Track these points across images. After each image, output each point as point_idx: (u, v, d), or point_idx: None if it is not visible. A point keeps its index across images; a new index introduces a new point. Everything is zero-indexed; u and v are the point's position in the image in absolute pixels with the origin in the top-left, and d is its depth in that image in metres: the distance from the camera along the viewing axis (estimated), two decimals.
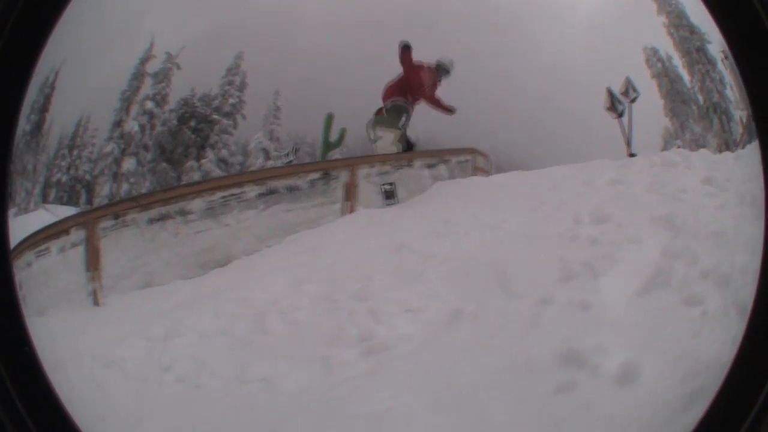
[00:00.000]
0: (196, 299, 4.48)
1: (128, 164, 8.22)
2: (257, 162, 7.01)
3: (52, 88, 9.08)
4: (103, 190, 7.96)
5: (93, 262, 5.16)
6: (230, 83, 8.20)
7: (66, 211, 7.33)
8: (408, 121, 6.55)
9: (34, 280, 5.09)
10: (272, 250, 5.26)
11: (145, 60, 8.25)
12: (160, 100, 8.45)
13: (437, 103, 6.62)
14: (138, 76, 8.33)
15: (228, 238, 5.38)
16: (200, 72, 7.95)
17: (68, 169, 8.41)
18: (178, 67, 8.18)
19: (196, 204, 5.52)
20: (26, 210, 8.90)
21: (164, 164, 8.02)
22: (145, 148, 8.31)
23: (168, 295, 4.85)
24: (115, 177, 8.06)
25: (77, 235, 5.37)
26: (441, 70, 6.52)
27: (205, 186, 5.80)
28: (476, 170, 6.47)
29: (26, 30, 1.39)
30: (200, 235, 5.42)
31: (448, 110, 6.44)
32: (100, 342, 3.90)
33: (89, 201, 7.94)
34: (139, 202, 5.60)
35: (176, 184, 6.65)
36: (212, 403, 3.13)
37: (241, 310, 4.03)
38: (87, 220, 5.43)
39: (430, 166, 6.39)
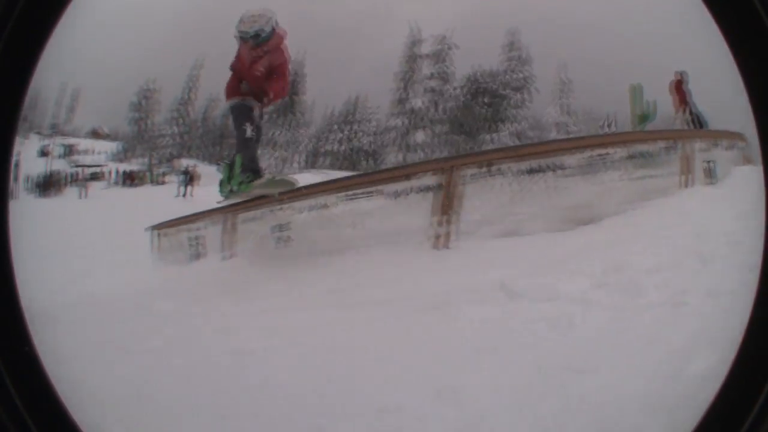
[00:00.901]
0: (599, 246, 4.24)
1: (419, 136, 8.97)
2: (551, 137, 7.15)
3: (296, 74, 10.15)
4: (389, 158, 9.04)
5: (446, 207, 4.79)
6: (512, 59, 8.90)
7: (335, 173, 8.08)
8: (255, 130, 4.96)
9: (326, 223, 5.24)
10: (639, 213, 4.78)
11: (413, 44, 9.37)
12: (444, 78, 9.19)
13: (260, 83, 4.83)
14: (411, 60, 9.29)
15: (595, 197, 4.95)
16: (476, 51, 8.47)
17: (345, 140, 9.88)
18: (452, 48, 9.18)
19: (568, 160, 5.08)
20: (280, 173, 9.79)
21: (457, 137, 8.61)
22: (434, 122, 8.95)
23: (547, 244, 4.42)
24: (405, 147, 8.88)
25: (428, 180, 4.99)
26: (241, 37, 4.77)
27: (578, 143, 5.29)
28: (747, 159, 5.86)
29: (26, 31, 1.38)
30: (569, 191, 5.06)
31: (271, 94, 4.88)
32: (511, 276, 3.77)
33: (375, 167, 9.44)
34: (514, 152, 5.10)
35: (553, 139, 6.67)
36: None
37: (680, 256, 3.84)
38: (445, 166, 4.98)
39: (728, 149, 5.96)
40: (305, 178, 7.31)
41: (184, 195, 10.62)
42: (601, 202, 4.89)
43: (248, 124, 4.80)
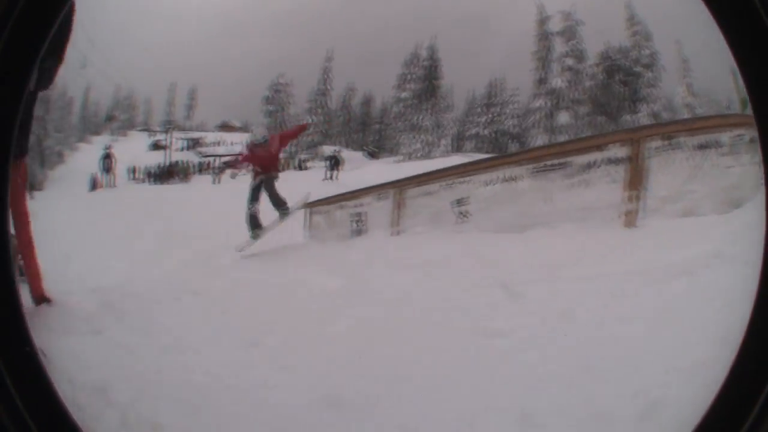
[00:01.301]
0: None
1: (563, 118, 8.79)
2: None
3: (431, 59, 10.37)
4: (536, 141, 8.81)
5: (634, 182, 4.75)
6: (636, 33, 8.42)
7: (481, 157, 7.97)
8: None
9: (511, 197, 5.29)
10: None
11: (542, 22, 9.04)
12: (578, 55, 8.92)
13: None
14: (543, 38, 9.05)
15: (741, 179, 4.86)
16: (602, 25, 8.21)
17: (489, 123, 9.86)
18: (578, 24, 8.68)
19: (723, 138, 5.01)
20: (428, 156, 9.90)
21: (600, 117, 8.43)
22: (576, 102, 8.74)
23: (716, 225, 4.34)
24: (549, 130, 8.76)
25: (615, 153, 4.96)
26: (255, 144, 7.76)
27: (725, 121, 5.19)
28: None
29: (26, 30, 1.39)
30: (725, 171, 4.99)
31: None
32: None
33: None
34: (690, 125, 5.06)
35: None
36: None
37: None
38: (634, 137, 4.90)
39: None
40: (454, 162, 7.53)
41: (330, 178, 11.25)
42: (744, 184, 4.70)
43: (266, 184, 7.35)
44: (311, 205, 7.41)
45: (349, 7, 9.19)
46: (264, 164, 7.36)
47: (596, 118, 8.32)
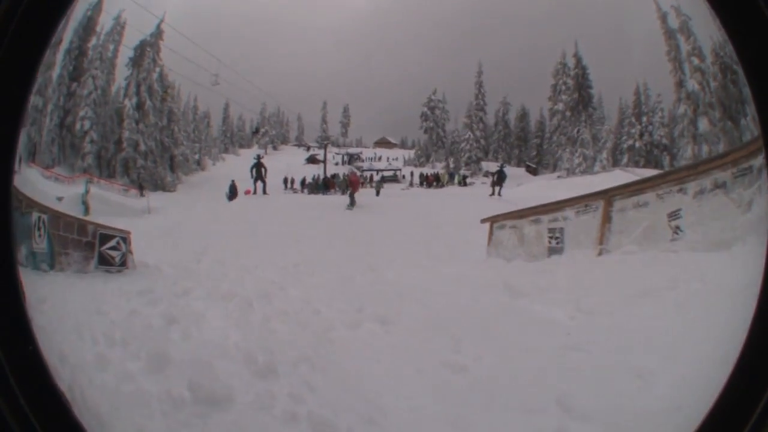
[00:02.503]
0: None
1: (702, 124, 8.76)
2: None
3: (577, 66, 9.72)
4: (686, 151, 8.73)
5: None
6: (720, 27, 8.47)
7: (643, 172, 7.86)
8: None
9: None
10: None
11: (663, 18, 8.93)
12: (699, 54, 8.68)
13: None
14: (668, 35, 8.86)
15: None
16: (697, 19, 8.14)
17: (642, 135, 9.75)
18: (687, 19, 8.86)
19: None
20: (589, 171, 10.25)
21: (730, 123, 8.14)
22: (710, 106, 8.61)
23: None
24: (695, 138, 8.77)
25: None
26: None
27: None
28: None
29: (29, 34, 1.37)
30: None
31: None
32: None
33: (670, 164, 9.30)
34: None
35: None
36: None
37: None
38: None
39: None
40: (617, 176, 7.54)
41: (495, 194, 10.97)
42: None
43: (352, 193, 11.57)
44: (494, 219, 7.15)
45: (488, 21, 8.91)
46: (353, 184, 11.48)
47: (726, 123, 8.28)
